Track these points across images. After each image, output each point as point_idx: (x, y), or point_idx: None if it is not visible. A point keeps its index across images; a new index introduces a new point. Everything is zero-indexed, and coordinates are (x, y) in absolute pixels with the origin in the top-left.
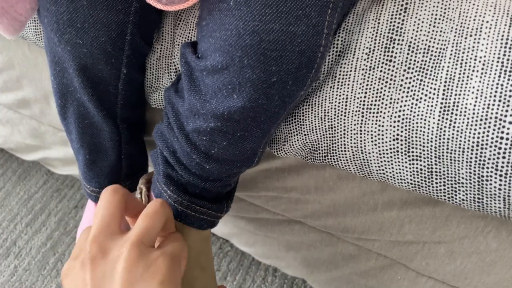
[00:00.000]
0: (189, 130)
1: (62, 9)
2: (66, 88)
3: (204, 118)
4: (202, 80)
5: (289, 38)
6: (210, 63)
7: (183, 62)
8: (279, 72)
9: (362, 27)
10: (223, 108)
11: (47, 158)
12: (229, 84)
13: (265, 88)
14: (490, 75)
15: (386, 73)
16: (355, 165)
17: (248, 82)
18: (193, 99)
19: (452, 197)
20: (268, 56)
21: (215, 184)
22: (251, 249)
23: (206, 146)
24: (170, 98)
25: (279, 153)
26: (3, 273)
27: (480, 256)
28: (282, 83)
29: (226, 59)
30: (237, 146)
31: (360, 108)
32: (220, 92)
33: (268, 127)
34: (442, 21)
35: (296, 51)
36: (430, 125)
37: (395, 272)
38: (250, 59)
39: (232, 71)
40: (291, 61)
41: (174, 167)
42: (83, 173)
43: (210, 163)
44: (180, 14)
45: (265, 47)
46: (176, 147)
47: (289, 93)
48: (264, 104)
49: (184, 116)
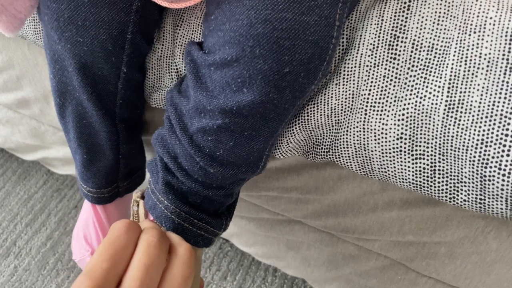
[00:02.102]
0: (194, 130)
1: (63, 7)
2: (65, 86)
3: (210, 115)
4: (209, 76)
5: (302, 28)
6: (219, 56)
7: (188, 60)
8: (291, 62)
9: (365, 24)
10: (232, 103)
11: (47, 158)
12: (238, 77)
13: (277, 80)
14: (496, 72)
15: (390, 71)
16: (357, 162)
17: (260, 74)
18: (200, 96)
19: (453, 198)
20: (281, 45)
21: (217, 193)
22: (251, 249)
23: (211, 148)
24: (173, 99)
25: (281, 155)
26: (3, 273)
27: (480, 256)
28: (294, 75)
29: (237, 51)
30: (244, 147)
31: (364, 106)
32: (228, 87)
33: (276, 126)
34: (445, 19)
35: (309, 41)
36: (435, 123)
37: (395, 272)
38: (262, 49)
39: (242, 62)
40: (304, 51)
41: (175, 173)
42: (80, 173)
43: (214, 167)
44: (181, 14)
45: (278, 35)
46: (178, 151)
47: (300, 87)
48: (275, 98)
49: (188, 116)
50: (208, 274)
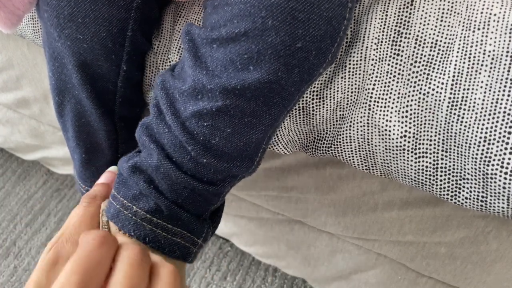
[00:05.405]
0: (187, 115)
1: (63, 4)
2: (65, 84)
3: (210, 96)
4: (210, 55)
5: (317, 1)
6: (225, 31)
7: (186, 39)
8: (304, 37)
9: (370, 17)
10: (236, 82)
11: (47, 158)
12: (245, 53)
13: (287, 56)
14: (499, 70)
15: (393, 67)
16: (360, 157)
17: (270, 48)
18: (199, 75)
19: (455, 196)
20: (295, 17)
21: (207, 188)
22: (251, 248)
23: (206, 135)
24: (164, 83)
25: (281, 149)
26: (3, 273)
27: (481, 256)
28: (305, 52)
29: (246, 23)
30: (242, 136)
31: (368, 100)
32: (232, 65)
33: (278, 114)
34: (449, 15)
35: (324, 17)
36: (438, 120)
37: (395, 272)
38: (275, 20)
39: (252, 36)
40: (318, 27)
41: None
42: (79, 172)
43: (207, 157)
44: (179, 11)
45: (293, 6)
46: (166, 140)
47: (309, 67)
48: (283, 78)
49: (181, 101)
50: (208, 274)
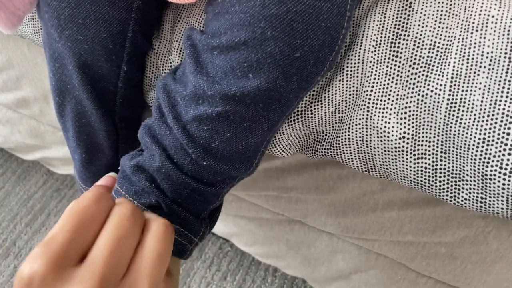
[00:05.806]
0: (188, 119)
1: (63, 4)
2: (65, 85)
3: (210, 101)
4: (210, 61)
5: (315, 12)
6: (225, 39)
7: (188, 44)
8: (303, 47)
9: (368, 20)
10: (235, 89)
11: (47, 158)
12: (245, 61)
13: (286, 66)
14: (498, 71)
15: (392, 68)
16: (359, 159)
17: (269, 58)
18: (200, 81)
19: (454, 196)
20: (294, 28)
21: (206, 188)
22: (251, 249)
23: (206, 138)
24: (166, 87)
25: (280, 152)
26: (3, 273)
27: (481, 256)
28: (304, 61)
29: (246, 33)
30: (241, 140)
31: (366, 102)
32: (232, 72)
33: (277, 119)
34: (447, 17)
35: (322, 27)
36: (437, 121)
37: (395, 272)
38: (274, 30)
39: (251, 45)
40: (316, 37)
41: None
42: (79, 172)
43: (207, 160)
44: (180, 12)
45: (292, 18)
46: (167, 142)
47: (308, 76)
48: (281, 86)
49: (182, 105)
50: (208, 274)
